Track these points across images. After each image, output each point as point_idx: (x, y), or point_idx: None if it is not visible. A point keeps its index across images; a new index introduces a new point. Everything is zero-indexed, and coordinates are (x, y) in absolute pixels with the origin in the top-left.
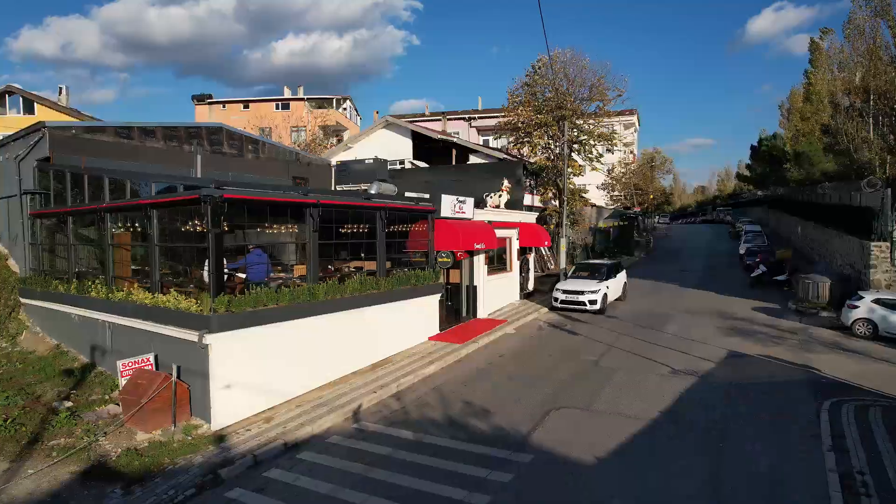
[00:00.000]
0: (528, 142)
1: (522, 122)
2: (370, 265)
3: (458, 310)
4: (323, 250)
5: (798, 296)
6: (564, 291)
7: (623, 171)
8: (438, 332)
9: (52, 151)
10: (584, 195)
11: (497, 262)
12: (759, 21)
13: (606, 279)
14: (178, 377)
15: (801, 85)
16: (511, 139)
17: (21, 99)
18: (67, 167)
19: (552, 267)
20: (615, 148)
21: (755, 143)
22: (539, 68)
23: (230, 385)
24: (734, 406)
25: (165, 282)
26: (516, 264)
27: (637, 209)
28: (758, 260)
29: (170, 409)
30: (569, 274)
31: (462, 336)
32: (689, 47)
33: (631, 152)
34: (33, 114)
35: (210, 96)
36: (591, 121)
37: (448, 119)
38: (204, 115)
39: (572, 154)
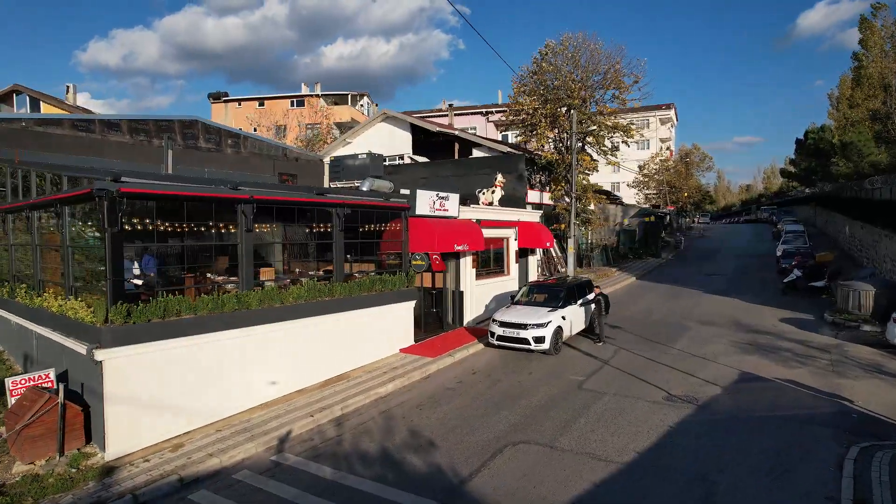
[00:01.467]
0: (536, 134)
1: (527, 114)
2: (359, 267)
3: (441, 317)
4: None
5: (837, 305)
6: (503, 324)
7: (655, 167)
8: (412, 343)
9: None
10: (602, 192)
11: (494, 265)
12: (811, 15)
13: (563, 306)
14: (82, 396)
15: (851, 69)
16: (518, 132)
17: (28, 98)
18: (7, 162)
19: (562, 270)
20: (631, 140)
21: (801, 137)
22: (546, 55)
23: (131, 407)
24: (732, 447)
25: (91, 288)
26: (514, 267)
27: (670, 208)
28: (794, 263)
29: (55, 435)
30: (517, 297)
31: (437, 348)
32: (740, 43)
33: (667, 148)
34: (39, 111)
35: (226, 94)
36: (607, 110)
37: (465, 114)
38: (220, 113)
39: (585, 147)
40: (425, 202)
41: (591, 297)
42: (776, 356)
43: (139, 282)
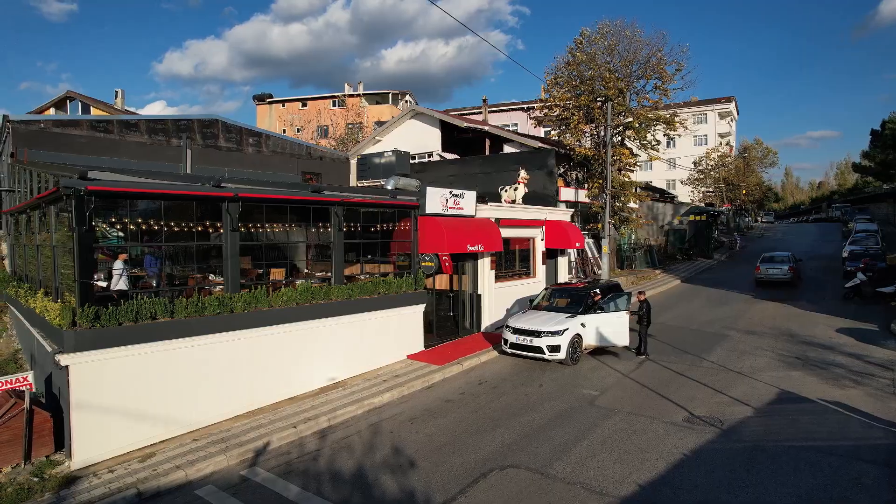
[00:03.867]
0: (570, 128)
1: (560, 107)
2: (376, 269)
3: (458, 322)
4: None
5: None
6: (516, 331)
7: (712, 163)
8: (422, 349)
9: (15, 146)
10: (652, 189)
11: (519, 266)
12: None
13: (584, 312)
14: (59, 401)
15: None
16: (552, 127)
17: (80, 103)
18: (18, 163)
19: (599, 272)
20: (675, 133)
21: (877, 128)
22: (581, 43)
23: (101, 414)
24: (750, 486)
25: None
26: (541, 269)
27: (726, 206)
28: (861, 265)
29: (21, 442)
30: (536, 301)
31: (447, 356)
32: (816, 34)
33: (727, 144)
34: (90, 115)
35: (270, 95)
36: (650, 102)
37: (506, 110)
38: (264, 115)
39: (624, 141)
40: (436, 200)
41: (621, 301)
42: (826, 373)
43: (115, 287)
